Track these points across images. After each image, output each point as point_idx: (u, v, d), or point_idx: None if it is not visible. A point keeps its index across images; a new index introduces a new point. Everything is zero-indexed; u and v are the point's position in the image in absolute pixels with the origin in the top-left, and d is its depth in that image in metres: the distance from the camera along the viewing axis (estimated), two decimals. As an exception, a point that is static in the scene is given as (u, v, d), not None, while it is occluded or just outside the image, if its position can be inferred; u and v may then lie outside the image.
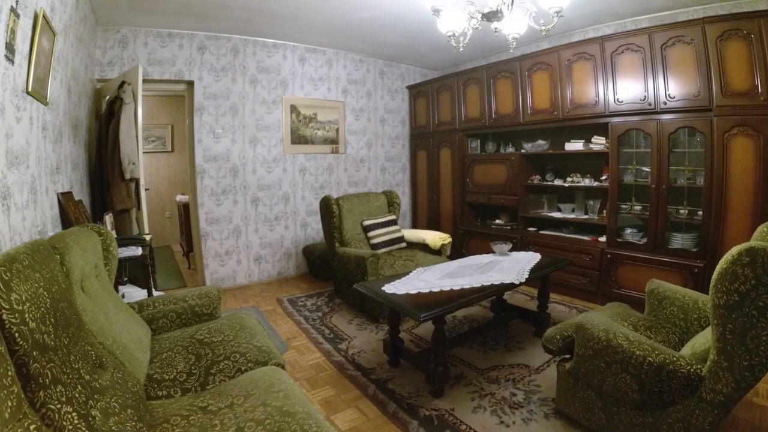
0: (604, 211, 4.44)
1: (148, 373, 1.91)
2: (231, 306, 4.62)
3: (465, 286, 2.90)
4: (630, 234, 4.21)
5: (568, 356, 2.37)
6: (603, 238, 4.41)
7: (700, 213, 3.73)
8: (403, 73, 6.35)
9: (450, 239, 4.59)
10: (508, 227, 5.35)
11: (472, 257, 3.88)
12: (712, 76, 3.51)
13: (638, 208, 4.17)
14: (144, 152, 7.97)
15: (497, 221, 5.51)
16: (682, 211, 3.89)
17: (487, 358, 3.24)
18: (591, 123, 4.35)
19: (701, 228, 3.73)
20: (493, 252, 3.91)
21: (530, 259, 3.70)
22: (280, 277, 5.68)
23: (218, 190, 5.12)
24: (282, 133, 5.48)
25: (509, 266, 3.43)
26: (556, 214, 4.94)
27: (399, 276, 3.29)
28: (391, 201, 5.03)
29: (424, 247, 4.63)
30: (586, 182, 4.65)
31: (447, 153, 5.80)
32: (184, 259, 6.57)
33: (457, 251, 5.72)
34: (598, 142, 4.43)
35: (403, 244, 4.77)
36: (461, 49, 3.19)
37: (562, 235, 4.83)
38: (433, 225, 6.10)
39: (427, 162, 6.11)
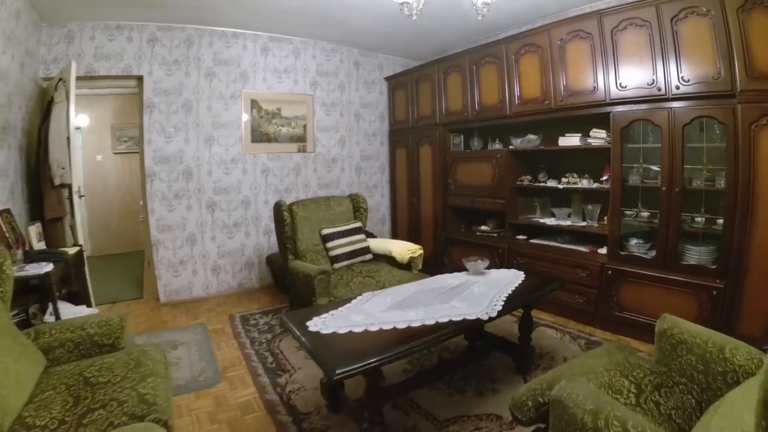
0: (605, 218, 3.75)
1: (22, 414, 1.63)
2: (180, 323, 4.11)
3: (413, 323, 2.23)
4: (635, 245, 3.51)
5: (543, 426, 1.70)
6: (603, 250, 3.72)
7: (721, 221, 3.04)
8: (382, 64, 5.69)
9: (421, 251, 3.92)
10: (495, 234, 4.67)
11: (439, 277, 3.21)
12: (734, 55, 2.82)
13: (645, 214, 3.48)
14: (116, 153, 7.66)
15: (483, 227, 4.83)
16: (698, 219, 3.19)
17: (452, 405, 2.60)
18: (589, 114, 3.66)
19: (722, 240, 3.04)
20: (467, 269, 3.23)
21: (511, 279, 3.03)
22: (242, 289, 5.09)
23: (170, 194, 4.58)
24: (241, 131, 4.89)
25: (481, 292, 2.76)
26: (549, 221, 4.26)
27: (344, 301, 2.65)
28: (357, 206, 4.38)
29: (391, 260, 3.96)
30: (584, 183, 3.96)
31: (427, 150, 5.13)
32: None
33: (438, 261, 5.05)
34: (598, 136, 3.74)
35: (369, 256, 4.11)
36: (414, 18, 2.55)
37: (556, 245, 4.14)
38: (414, 231, 5.44)
39: (406, 161, 5.45)
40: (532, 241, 4.36)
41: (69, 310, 3.19)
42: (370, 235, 5.26)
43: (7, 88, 3.37)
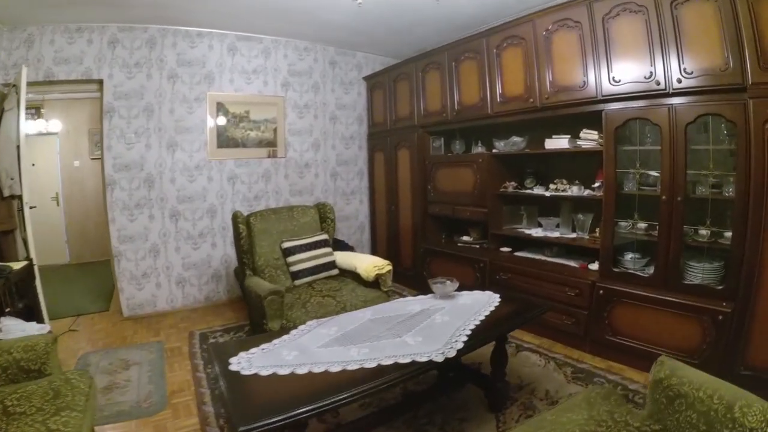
0: (597, 230, 3.28)
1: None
2: (139, 339, 3.76)
3: (350, 366, 1.79)
4: (631, 261, 3.04)
5: None
6: (595, 266, 3.25)
7: (729, 235, 2.59)
8: (360, 63, 5.24)
9: (389, 268, 3.44)
10: (477, 246, 4.20)
11: (400, 302, 2.76)
12: (744, 42, 2.37)
13: (643, 226, 3.02)
14: (93, 158, 7.21)
15: (465, 238, 4.36)
16: (703, 232, 2.72)
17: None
18: (579, 112, 3.21)
19: (730, 256, 2.58)
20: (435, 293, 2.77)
21: (483, 305, 2.56)
22: (209, 303, 4.66)
23: (131, 203, 4.22)
24: (206, 136, 4.46)
25: (444, 322, 2.30)
26: (535, 232, 3.79)
27: (284, 331, 2.21)
28: (323, 216, 3.91)
29: (359, 276, 3.48)
30: (574, 191, 3.49)
31: (405, 155, 4.67)
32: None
33: (417, 274, 4.57)
34: (589, 138, 3.28)
35: (334, 272, 3.64)
36: (359, 4, 2.11)
37: (543, 259, 3.67)
38: (393, 241, 4.97)
39: (385, 165, 4.98)
40: (517, 253, 3.89)
41: (17, 327, 2.89)
42: (345, 246, 4.81)
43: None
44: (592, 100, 3.07)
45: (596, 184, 3.30)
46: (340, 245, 4.85)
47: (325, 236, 3.76)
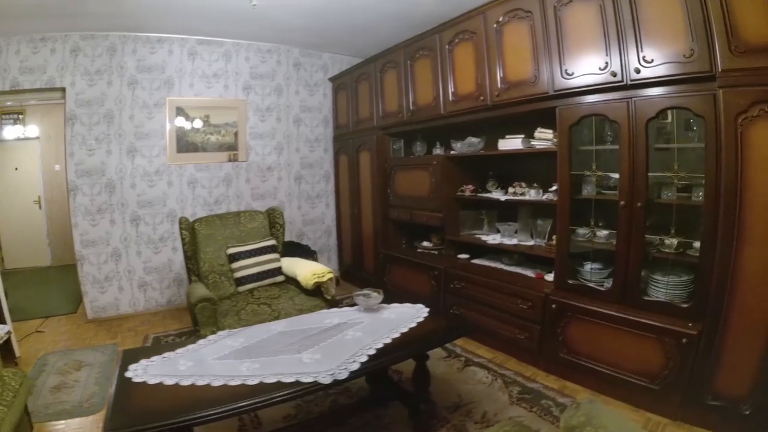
0: (555, 237, 2.74)
1: None
2: (97, 342, 3.45)
3: (232, 382, 1.54)
4: (590, 272, 2.50)
5: None
6: (551, 276, 2.70)
7: (698, 245, 2.05)
8: (327, 64, 4.69)
9: (330, 275, 2.91)
10: (436, 252, 3.66)
11: (319, 314, 2.32)
12: (712, 23, 1.86)
13: (603, 234, 2.47)
14: None
15: (425, 244, 3.82)
16: (669, 242, 2.18)
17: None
18: (531, 110, 2.66)
19: (698, 270, 2.05)
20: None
21: (406, 320, 2.09)
22: (171, 306, 4.20)
23: (93, 208, 3.85)
24: (166, 141, 3.99)
25: (355, 338, 1.87)
26: (493, 238, 3.24)
27: (191, 341, 1.90)
28: (273, 221, 3.39)
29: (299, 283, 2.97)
30: (532, 194, 2.95)
31: (366, 157, 4.13)
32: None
33: (379, 281, 4.04)
34: (544, 137, 2.74)
35: (280, 278, 3.14)
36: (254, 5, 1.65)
37: (501, 267, 3.14)
38: (357, 246, 4.43)
39: (348, 168, 4.45)
40: (475, 261, 3.35)
41: None
42: (307, 251, 4.31)
43: None
44: (543, 96, 2.53)
45: (553, 188, 2.75)
46: (302, 250, 4.33)
47: (272, 242, 3.24)
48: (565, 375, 2.52)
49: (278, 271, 3.14)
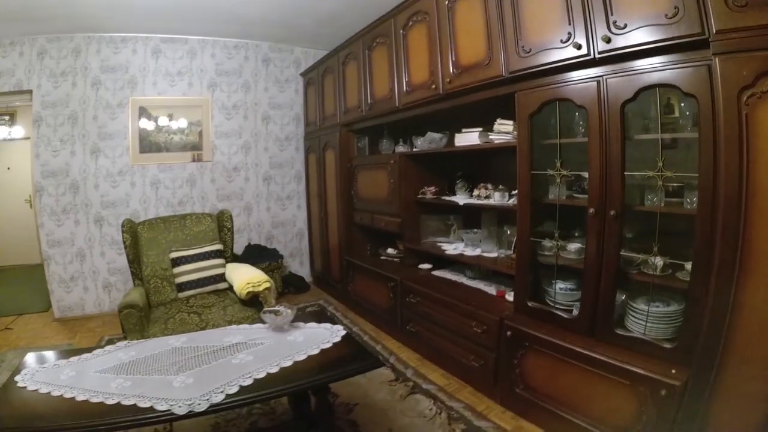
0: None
1: None
2: (57, 341, 3.17)
3: (93, 398, 1.28)
4: (560, 293, 1.91)
5: None
6: (511, 295, 2.13)
7: (689, 267, 1.44)
8: (299, 59, 4.19)
9: (267, 285, 2.41)
10: (398, 260, 3.12)
11: (225, 330, 1.88)
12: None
13: (574, 247, 1.88)
14: None
15: (390, 251, 3.27)
16: (653, 262, 1.57)
17: None
18: (488, 98, 2.09)
19: (688, 298, 1.45)
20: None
21: (312, 344, 1.61)
22: (135, 310, 3.75)
23: (58, 209, 3.58)
24: (129, 141, 3.61)
25: (241, 363, 1.49)
26: (456, 247, 2.67)
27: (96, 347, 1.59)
28: (221, 225, 2.93)
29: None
30: (497, 198, 2.38)
31: (332, 156, 3.61)
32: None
33: (343, 289, 3.52)
34: (504, 130, 2.17)
35: (223, 285, 2.69)
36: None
37: (461, 281, 2.57)
38: (325, 251, 3.92)
39: (317, 168, 3.93)
40: (436, 272, 2.79)
41: None
42: (275, 254, 3.87)
43: None
44: (498, 80, 1.95)
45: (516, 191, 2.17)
46: (268, 254, 3.86)
47: (218, 246, 2.79)
48: (522, 412, 1.94)
49: (221, 277, 2.69)
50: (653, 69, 1.42)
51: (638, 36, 1.42)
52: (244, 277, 2.45)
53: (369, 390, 2.25)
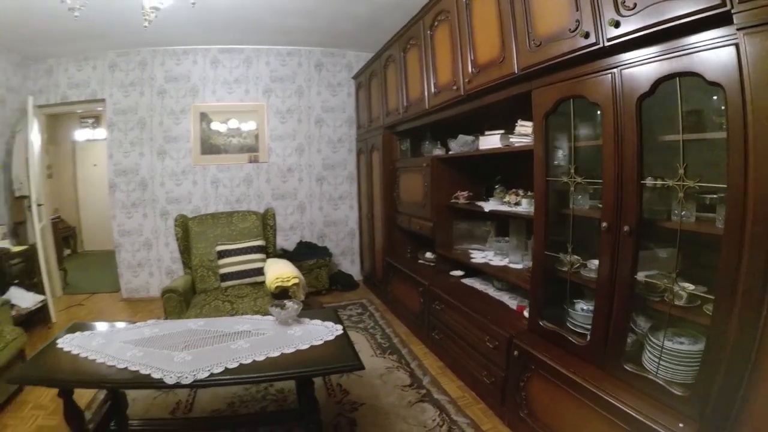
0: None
1: None
2: (119, 317, 3.68)
3: (109, 362, 1.55)
4: (580, 316, 1.72)
5: None
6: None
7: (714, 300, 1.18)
8: (351, 62, 4.36)
9: (296, 281, 2.59)
10: (433, 264, 3.07)
11: (237, 319, 2.07)
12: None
13: (595, 265, 1.67)
14: None
15: (428, 255, 3.24)
16: (677, 290, 1.32)
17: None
18: (507, 98, 1.95)
19: (709, 340, 1.19)
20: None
21: (308, 338, 1.74)
22: (194, 293, 4.35)
23: (129, 203, 4.17)
24: (191, 144, 4.14)
25: (240, 348, 1.67)
26: (483, 256, 2.55)
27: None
28: (265, 223, 3.23)
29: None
30: (524, 205, 2.21)
31: (377, 158, 3.69)
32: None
33: (382, 292, 3.60)
34: (524, 132, 2.01)
35: (261, 278, 2.96)
36: (76, 15, 2.01)
37: (488, 291, 2.46)
38: (371, 252, 4.03)
39: (366, 170, 4.05)
40: (466, 280, 2.70)
41: (17, 294, 3.13)
42: (324, 252, 4.15)
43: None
44: (511, 78, 1.82)
45: (541, 197, 1.99)
46: (318, 251, 4.13)
47: (260, 242, 3.10)
48: (530, 441, 1.80)
49: (259, 271, 2.98)
50: (669, 55, 1.20)
51: (648, 16, 1.21)
52: (276, 273, 2.67)
53: (380, 392, 2.29)
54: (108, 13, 3.06)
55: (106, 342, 1.73)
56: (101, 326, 1.96)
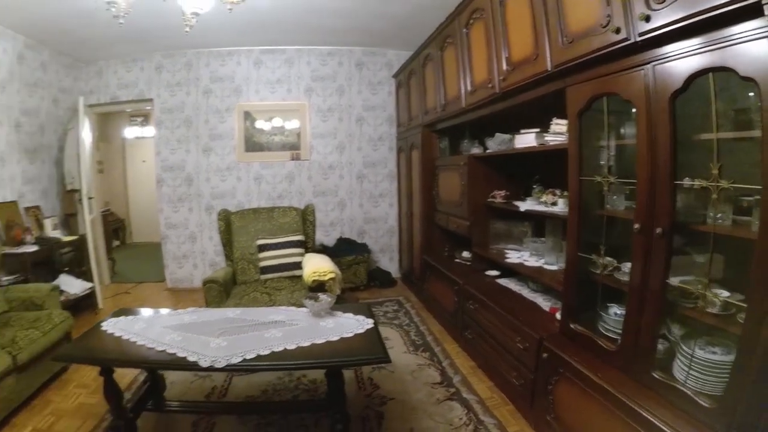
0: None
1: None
2: (162, 305, 3.88)
3: (148, 345, 1.72)
4: (613, 320, 1.69)
5: None
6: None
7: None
8: (391, 61, 4.43)
9: (332, 275, 2.74)
10: (469, 264, 3.08)
11: (270, 309, 2.21)
12: None
13: (627, 268, 1.63)
14: None
15: (465, 254, 3.25)
16: (711, 297, 1.28)
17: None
18: (542, 96, 1.94)
19: (739, 351, 1.14)
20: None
21: (338, 331, 1.84)
22: (237, 285, 4.66)
23: (175, 197, 4.49)
24: (235, 141, 4.41)
25: (273, 337, 1.77)
26: (520, 256, 2.53)
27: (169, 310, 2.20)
28: (304, 218, 3.42)
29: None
30: (560, 205, 2.18)
31: (417, 156, 3.74)
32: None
33: (419, 290, 3.66)
34: (558, 130, 1.98)
35: (299, 271, 3.14)
36: (120, 23, 2.16)
37: (522, 292, 2.45)
38: (410, 250, 4.10)
39: (405, 168, 4.12)
40: (501, 280, 2.69)
41: (67, 282, 3.42)
42: (363, 248, 4.30)
43: (38, 120, 3.82)
44: (544, 75, 1.81)
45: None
46: (356, 247, 4.28)
47: (300, 237, 3.30)
48: (560, 446, 1.79)
49: (298, 265, 3.16)
50: (703, 49, 1.16)
51: (680, 8, 1.17)
52: (313, 267, 2.84)
53: (410, 388, 2.37)
54: (152, 17, 3.23)
55: (147, 326, 1.90)
56: (144, 312, 2.13)
